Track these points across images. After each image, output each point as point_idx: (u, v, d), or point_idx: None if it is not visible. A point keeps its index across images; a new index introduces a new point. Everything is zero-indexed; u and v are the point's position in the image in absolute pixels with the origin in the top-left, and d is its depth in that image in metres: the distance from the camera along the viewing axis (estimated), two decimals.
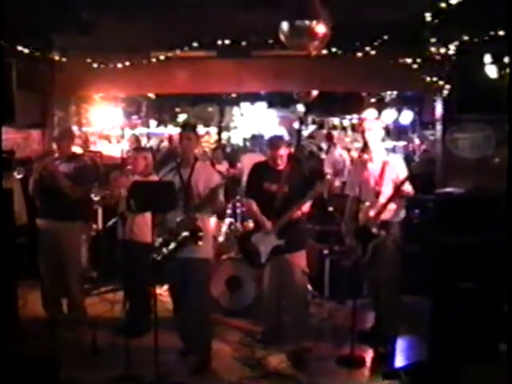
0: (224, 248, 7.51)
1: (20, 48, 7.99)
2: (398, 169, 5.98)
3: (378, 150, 6.05)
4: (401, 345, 6.13)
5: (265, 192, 5.95)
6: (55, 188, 6.29)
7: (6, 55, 7.75)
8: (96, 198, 6.31)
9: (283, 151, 5.91)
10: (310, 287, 7.04)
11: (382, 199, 5.87)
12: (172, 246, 5.38)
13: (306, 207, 5.92)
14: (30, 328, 6.38)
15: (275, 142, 6.04)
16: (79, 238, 6.77)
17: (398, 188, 5.79)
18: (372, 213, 5.86)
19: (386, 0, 6.78)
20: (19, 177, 6.39)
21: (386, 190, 5.90)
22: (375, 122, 6.37)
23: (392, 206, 5.87)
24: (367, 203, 5.91)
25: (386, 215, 5.86)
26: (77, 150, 8.51)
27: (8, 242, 6.31)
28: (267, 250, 5.86)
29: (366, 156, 6.09)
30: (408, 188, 5.86)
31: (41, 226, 6.57)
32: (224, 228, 7.82)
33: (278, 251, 5.85)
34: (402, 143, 17.36)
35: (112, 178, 6.60)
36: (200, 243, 5.34)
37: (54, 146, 6.69)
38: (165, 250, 5.39)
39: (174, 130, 18.88)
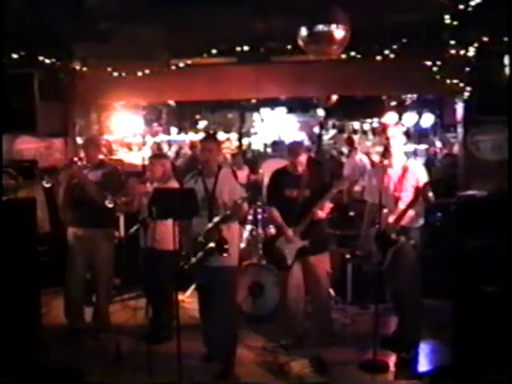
0: (246, 254, 7.50)
1: (41, 58, 8.08)
2: (419, 174, 5.94)
3: (398, 156, 6.02)
4: (424, 349, 6.08)
5: (286, 198, 6.02)
6: (86, 196, 6.34)
7: (27, 66, 7.87)
8: (110, 205, 6.31)
9: (303, 157, 5.98)
10: (332, 292, 7.02)
11: (402, 205, 5.85)
12: (199, 255, 5.42)
13: (327, 210, 5.97)
14: (52, 336, 6.44)
15: (294, 148, 6.12)
16: (112, 244, 6.80)
17: (418, 194, 5.76)
18: (391, 219, 5.84)
19: (405, 3, 6.74)
20: (48, 185, 6.44)
21: (406, 196, 5.87)
22: (398, 128, 6.35)
23: (411, 212, 5.84)
24: (386, 209, 5.88)
25: (405, 221, 5.83)
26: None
27: (31, 250, 6.40)
28: (292, 252, 5.98)
29: (385, 162, 6.05)
30: (430, 195, 5.81)
31: (73, 235, 6.58)
32: (245, 234, 7.81)
33: (303, 253, 5.95)
34: (423, 146, 17.29)
35: (129, 185, 6.63)
36: (225, 255, 5.35)
37: (82, 154, 6.73)
38: (193, 260, 5.43)
39: (194, 137, 18.97)
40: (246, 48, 8.21)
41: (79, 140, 6.87)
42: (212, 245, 5.37)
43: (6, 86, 7.45)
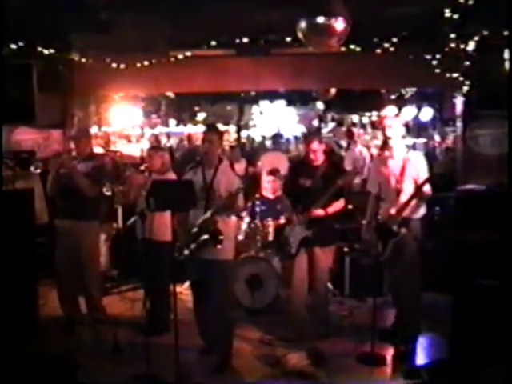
0: (244, 247, 7.50)
1: (40, 49, 8.06)
2: (419, 166, 5.93)
3: (398, 147, 6.00)
4: (422, 343, 6.07)
5: (300, 187, 6.14)
6: (73, 187, 6.31)
7: (26, 57, 7.85)
8: (108, 193, 6.34)
9: (316, 146, 6.07)
10: (330, 285, 7.03)
11: (403, 197, 5.84)
12: (192, 246, 5.40)
13: (339, 206, 6.09)
14: (50, 327, 6.44)
15: (308, 137, 6.49)
16: (97, 237, 6.80)
17: (419, 187, 5.75)
18: (393, 210, 5.83)
19: None
20: (36, 172, 6.41)
21: (407, 188, 5.86)
22: (396, 119, 6.34)
23: (413, 203, 5.83)
24: (387, 201, 5.87)
25: (406, 213, 5.82)
26: (98, 149, 8.55)
27: (29, 241, 6.38)
28: (296, 241, 6.07)
29: (386, 153, 6.05)
30: (427, 188, 5.80)
31: (59, 226, 6.58)
32: (244, 226, 7.80)
33: (308, 243, 6.02)
34: (421, 140, 17.25)
35: (127, 175, 6.63)
36: (219, 246, 5.34)
37: (72, 146, 6.70)
38: (186, 251, 5.41)
39: (193, 129, 18.93)
40: (245, 40, 8.21)
41: (73, 132, 6.83)
42: (206, 236, 5.36)
43: (4, 77, 7.44)
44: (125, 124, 12.38)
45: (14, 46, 7.79)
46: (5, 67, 7.35)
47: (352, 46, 7.97)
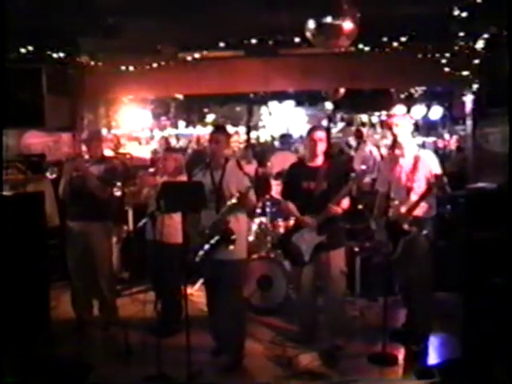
0: (254, 247, 7.50)
1: (49, 53, 8.10)
2: (431, 164, 5.89)
3: (408, 146, 5.98)
4: (433, 342, 6.06)
5: (303, 191, 5.86)
6: (85, 190, 6.34)
7: (35, 60, 7.90)
8: (117, 193, 6.36)
9: (321, 134, 5.87)
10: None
11: (414, 195, 5.80)
12: (206, 247, 5.42)
13: (346, 204, 5.81)
14: (62, 329, 6.46)
15: (314, 127, 6.24)
16: (109, 238, 6.81)
17: (432, 185, 5.68)
18: (403, 209, 5.80)
19: None
20: (52, 177, 6.45)
21: (418, 186, 5.82)
22: (403, 117, 6.30)
23: (424, 203, 5.79)
24: (397, 200, 5.83)
25: (418, 212, 5.79)
26: (108, 152, 8.59)
27: (40, 243, 6.41)
28: (309, 248, 5.80)
29: (397, 151, 6.00)
30: (445, 182, 5.67)
31: (70, 228, 6.60)
32: (254, 227, 7.81)
33: (319, 249, 5.78)
34: (431, 139, 17.22)
35: (139, 177, 6.64)
36: (231, 247, 5.34)
37: (84, 149, 6.72)
38: (201, 252, 5.42)
39: (202, 131, 18.98)
40: (254, 41, 8.21)
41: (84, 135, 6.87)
42: (218, 237, 5.37)
43: (14, 81, 7.48)
44: (134, 126, 12.42)
45: (23, 50, 7.84)
46: (13, 71, 7.38)
47: (361, 46, 7.97)
